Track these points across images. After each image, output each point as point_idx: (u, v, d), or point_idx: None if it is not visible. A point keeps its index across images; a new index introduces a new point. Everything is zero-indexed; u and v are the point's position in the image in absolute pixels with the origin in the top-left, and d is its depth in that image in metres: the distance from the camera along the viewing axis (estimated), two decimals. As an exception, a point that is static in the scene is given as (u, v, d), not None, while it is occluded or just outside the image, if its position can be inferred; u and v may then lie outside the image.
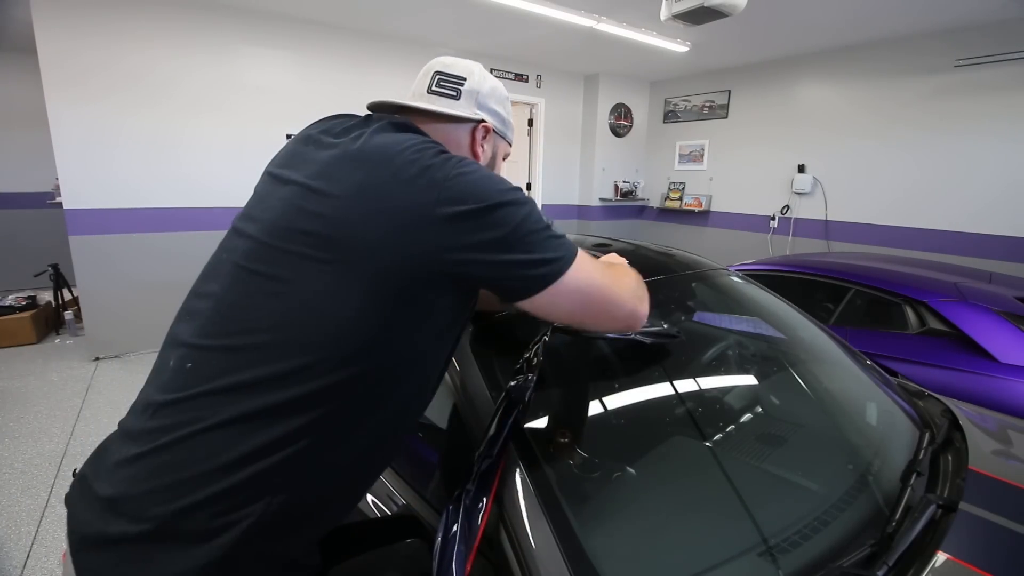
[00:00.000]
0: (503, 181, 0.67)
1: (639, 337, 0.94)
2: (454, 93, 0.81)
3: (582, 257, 0.69)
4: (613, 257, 0.97)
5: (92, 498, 0.62)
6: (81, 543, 0.61)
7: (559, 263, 0.66)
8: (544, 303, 0.67)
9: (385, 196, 0.62)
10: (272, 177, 0.72)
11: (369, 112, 0.81)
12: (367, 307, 0.61)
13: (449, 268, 0.63)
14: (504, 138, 0.90)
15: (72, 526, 0.63)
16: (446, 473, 0.97)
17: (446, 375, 0.95)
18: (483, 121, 0.83)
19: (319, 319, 0.61)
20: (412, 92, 0.84)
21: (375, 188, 0.62)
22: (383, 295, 0.61)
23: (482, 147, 0.84)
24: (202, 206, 3.78)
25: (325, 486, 0.65)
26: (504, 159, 0.93)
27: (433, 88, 0.82)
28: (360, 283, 0.61)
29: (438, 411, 1.02)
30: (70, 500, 0.66)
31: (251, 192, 0.75)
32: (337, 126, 0.74)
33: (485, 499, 0.72)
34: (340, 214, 0.62)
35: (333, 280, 0.61)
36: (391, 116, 0.77)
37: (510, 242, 0.63)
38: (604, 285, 0.71)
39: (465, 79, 0.82)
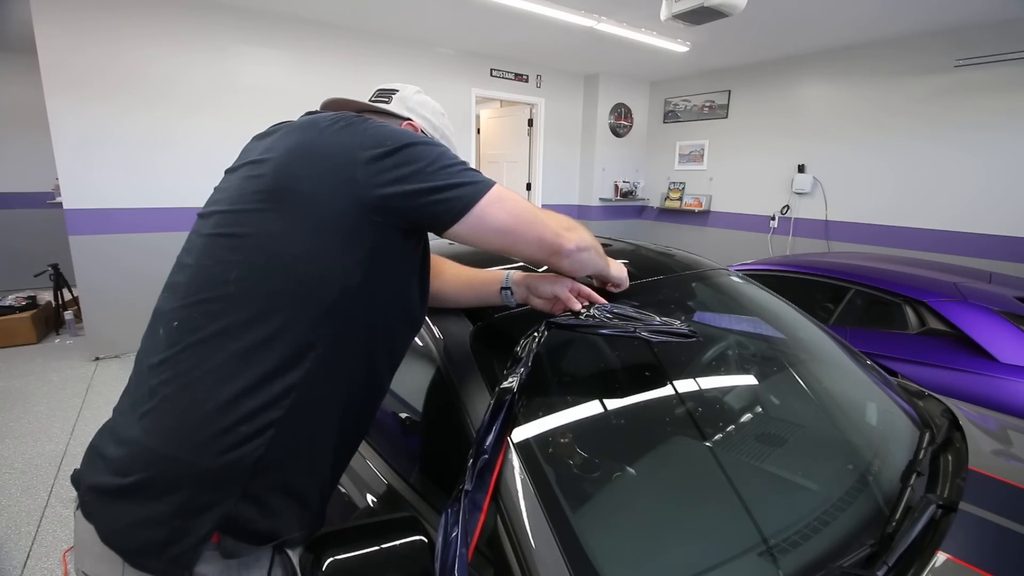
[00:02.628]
0: (418, 134, 0.77)
1: (646, 335, 0.88)
2: (386, 100, 0.94)
3: (500, 186, 0.76)
4: None
5: (103, 461, 0.68)
6: (94, 494, 0.67)
7: (476, 187, 0.73)
8: (471, 226, 0.73)
9: (314, 148, 0.71)
10: (227, 172, 0.82)
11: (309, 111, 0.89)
12: (313, 249, 0.68)
13: (377, 203, 0.69)
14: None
15: (83, 488, 0.69)
16: (446, 473, 0.97)
17: (444, 375, 0.96)
18: (410, 120, 0.93)
19: (276, 262, 0.68)
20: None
21: (305, 144, 0.72)
22: (324, 236, 0.69)
23: None
24: (202, 206, 3.75)
25: (317, 421, 0.72)
26: None
27: (371, 99, 0.96)
28: (305, 224, 0.68)
29: (438, 411, 1.02)
30: (78, 473, 0.71)
31: None
32: (282, 124, 0.82)
33: (483, 497, 0.72)
34: (278, 169, 0.71)
35: (283, 225, 0.68)
36: (320, 111, 0.86)
37: (426, 173, 0.71)
38: (527, 209, 0.78)
39: (397, 90, 0.95)
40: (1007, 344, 1.89)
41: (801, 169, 4.79)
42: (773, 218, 5.09)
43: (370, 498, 1.03)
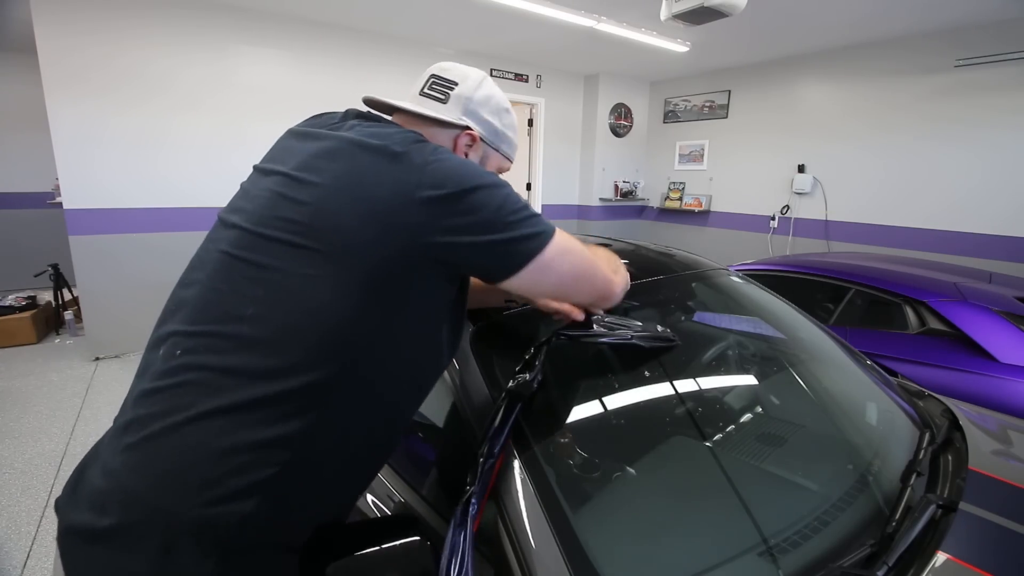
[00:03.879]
0: (479, 167, 0.69)
1: (638, 342, 0.93)
2: (442, 97, 0.80)
3: (560, 233, 0.72)
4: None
5: (85, 490, 0.62)
6: (70, 534, 0.61)
7: (539, 239, 0.68)
8: (529, 279, 0.69)
9: (364, 183, 0.63)
10: (259, 171, 0.74)
11: (354, 109, 0.80)
12: (348, 295, 0.61)
13: (431, 252, 0.64)
14: (498, 151, 0.86)
15: (61, 524, 0.63)
16: (447, 473, 0.97)
17: (444, 375, 0.95)
18: (468, 128, 0.80)
19: (301, 306, 0.61)
20: (410, 94, 0.84)
21: (355, 176, 0.64)
22: (365, 283, 0.62)
23: (465, 155, 0.81)
24: (202, 206, 3.77)
25: (318, 476, 0.65)
26: (499, 174, 0.88)
27: (424, 90, 0.81)
28: (341, 271, 0.61)
29: (438, 410, 1.02)
30: (59, 502, 0.65)
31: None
32: (323, 122, 0.76)
33: (481, 498, 0.72)
34: (321, 202, 0.63)
35: (314, 267, 0.61)
36: (370, 112, 0.79)
37: (490, 223, 0.65)
38: (583, 257, 0.75)
39: (456, 84, 0.81)
40: (1007, 344, 1.89)
41: (801, 169, 4.78)
42: (773, 218, 5.09)
43: (370, 499, 1.03)
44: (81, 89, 3.30)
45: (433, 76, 0.82)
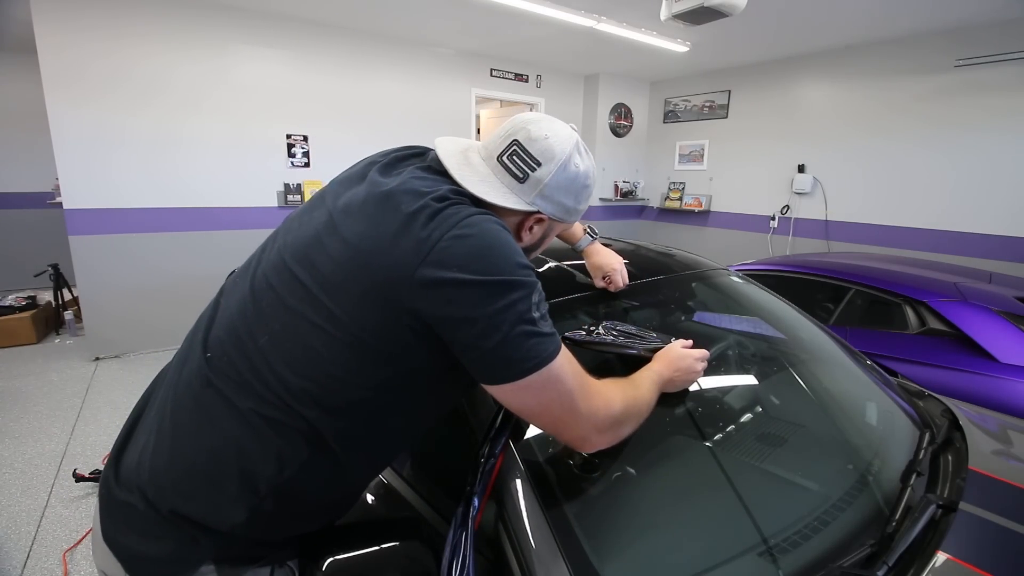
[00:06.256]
0: (503, 257, 0.62)
1: (644, 353, 0.93)
2: (520, 175, 0.71)
3: (556, 365, 0.63)
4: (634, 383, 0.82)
5: (124, 459, 0.70)
6: (107, 490, 0.70)
7: (521, 366, 0.62)
8: (496, 393, 0.66)
9: (378, 250, 0.62)
10: (323, 195, 0.74)
11: (434, 151, 0.76)
12: (342, 356, 0.63)
13: (420, 329, 0.62)
14: (564, 221, 0.79)
15: (103, 477, 0.72)
16: (447, 473, 0.97)
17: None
18: (537, 212, 0.73)
19: (303, 353, 0.64)
20: (488, 143, 0.75)
21: (373, 239, 0.63)
22: (357, 348, 0.63)
23: (530, 231, 0.77)
24: (201, 206, 3.77)
25: (307, 498, 0.69)
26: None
27: (503, 158, 0.71)
28: (341, 331, 0.63)
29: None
30: (112, 455, 0.73)
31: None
32: (399, 162, 0.75)
33: (481, 498, 0.72)
34: (342, 261, 0.64)
35: (321, 319, 0.63)
36: (433, 158, 0.74)
37: (479, 328, 0.60)
38: (564, 404, 0.66)
39: (539, 165, 0.70)
40: (1007, 344, 1.89)
41: (801, 169, 4.78)
42: (773, 218, 5.09)
43: (370, 498, 1.03)
44: (81, 89, 3.29)
45: (515, 144, 0.71)
